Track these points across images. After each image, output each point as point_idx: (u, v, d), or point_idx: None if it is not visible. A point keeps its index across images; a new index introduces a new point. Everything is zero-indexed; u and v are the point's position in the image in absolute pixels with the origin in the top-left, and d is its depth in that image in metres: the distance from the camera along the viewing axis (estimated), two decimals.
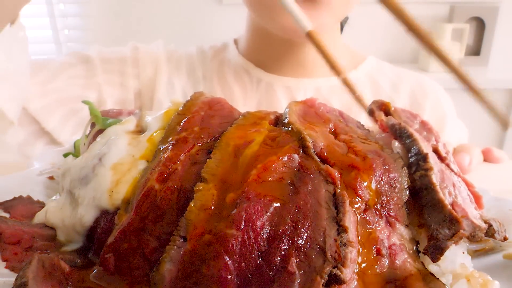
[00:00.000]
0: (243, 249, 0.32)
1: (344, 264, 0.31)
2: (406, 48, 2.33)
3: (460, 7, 2.18)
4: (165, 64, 0.97)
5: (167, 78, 0.96)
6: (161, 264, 0.33)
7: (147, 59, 0.96)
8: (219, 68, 0.98)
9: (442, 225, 0.36)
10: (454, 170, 0.44)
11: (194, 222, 0.34)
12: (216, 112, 0.48)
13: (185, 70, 0.98)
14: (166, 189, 0.38)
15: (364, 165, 0.37)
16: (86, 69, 0.91)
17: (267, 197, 0.34)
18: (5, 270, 0.39)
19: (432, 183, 0.37)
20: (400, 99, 0.96)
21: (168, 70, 0.97)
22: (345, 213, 0.33)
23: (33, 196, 0.53)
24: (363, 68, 0.98)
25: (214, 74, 0.97)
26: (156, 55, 0.97)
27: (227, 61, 0.98)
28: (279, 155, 0.37)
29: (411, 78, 1.01)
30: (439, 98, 1.00)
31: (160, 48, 0.99)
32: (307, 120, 0.45)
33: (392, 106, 0.49)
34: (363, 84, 0.97)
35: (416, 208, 0.38)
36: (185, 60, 1.00)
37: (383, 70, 1.01)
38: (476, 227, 0.38)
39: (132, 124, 0.50)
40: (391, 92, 0.97)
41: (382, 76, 0.99)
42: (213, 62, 0.99)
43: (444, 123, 0.96)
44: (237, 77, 0.96)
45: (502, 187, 0.61)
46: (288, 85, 0.93)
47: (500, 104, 2.09)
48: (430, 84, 1.02)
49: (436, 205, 0.37)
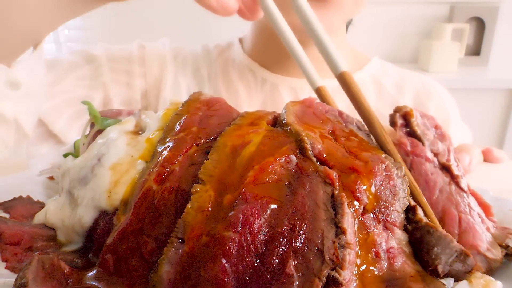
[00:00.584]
0: (241, 251, 0.32)
1: (342, 266, 0.31)
2: (406, 48, 2.33)
3: (460, 7, 2.18)
4: (171, 63, 0.96)
5: (173, 77, 0.95)
6: (159, 265, 0.33)
7: (153, 58, 0.95)
8: (224, 67, 0.97)
9: (454, 260, 0.35)
10: (463, 189, 0.43)
11: (191, 224, 0.34)
12: (215, 112, 0.48)
13: (191, 69, 0.98)
14: (163, 190, 0.38)
15: (365, 168, 0.37)
16: (92, 69, 0.91)
17: (264, 199, 0.34)
18: (5, 270, 0.39)
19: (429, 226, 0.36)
20: (404, 100, 0.96)
21: (175, 69, 0.96)
22: (343, 214, 0.33)
23: (33, 196, 0.53)
24: (367, 69, 0.98)
25: (219, 73, 0.97)
26: (162, 53, 0.97)
27: (232, 60, 0.98)
28: (277, 156, 0.37)
29: (415, 79, 1.01)
30: (443, 100, 1.00)
31: (166, 46, 0.99)
32: (305, 121, 0.45)
33: (414, 115, 0.47)
34: (367, 85, 0.97)
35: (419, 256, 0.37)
36: (190, 59, 0.99)
37: (387, 72, 1.01)
38: (490, 261, 0.37)
39: (131, 124, 0.50)
40: (396, 94, 0.98)
41: (387, 77, 1.00)
42: (218, 61, 0.99)
43: (448, 125, 0.96)
44: (242, 77, 0.95)
45: (502, 187, 0.61)
46: (293, 86, 0.92)
47: (500, 104, 2.09)
48: (434, 86, 1.02)
49: (442, 240, 0.35)
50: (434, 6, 2.24)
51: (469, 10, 2.17)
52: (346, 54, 0.96)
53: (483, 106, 2.07)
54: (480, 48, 2.24)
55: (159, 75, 0.95)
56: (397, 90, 0.98)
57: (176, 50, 1.00)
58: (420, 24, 2.28)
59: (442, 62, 2.09)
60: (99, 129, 0.54)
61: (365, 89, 0.95)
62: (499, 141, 2.17)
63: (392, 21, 2.28)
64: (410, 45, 2.31)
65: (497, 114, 2.11)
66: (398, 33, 2.30)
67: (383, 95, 0.97)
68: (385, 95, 0.97)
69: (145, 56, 0.95)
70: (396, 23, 2.28)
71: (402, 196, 0.38)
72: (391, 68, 1.03)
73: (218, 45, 1.02)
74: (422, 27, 2.28)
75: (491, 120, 2.12)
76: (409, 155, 0.43)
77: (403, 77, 1.01)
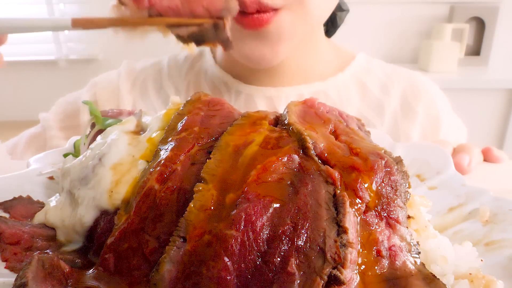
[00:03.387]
0: (243, 250, 0.32)
1: (344, 265, 0.31)
2: (406, 48, 2.33)
3: (460, 7, 2.18)
4: (127, 93, 0.95)
5: (131, 106, 0.94)
6: (160, 264, 0.33)
7: (104, 96, 0.94)
8: (196, 80, 0.95)
9: None
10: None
11: (193, 223, 0.34)
12: (216, 112, 0.48)
13: (153, 89, 0.96)
14: (165, 189, 0.38)
15: (365, 166, 0.37)
16: (44, 135, 0.93)
17: (266, 198, 0.34)
18: (5, 270, 0.39)
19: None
20: (391, 101, 0.92)
21: (132, 97, 0.95)
22: (345, 214, 0.33)
23: (33, 196, 0.53)
24: (350, 69, 0.94)
25: (190, 86, 0.94)
26: (115, 86, 0.96)
27: (204, 72, 0.95)
28: (279, 156, 0.37)
29: (402, 77, 0.96)
30: (433, 97, 0.95)
31: (121, 74, 0.97)
32: (307, 121, 0.45)
33: None
34: (350, 87, 0.92)
35: None
36: (151, 77, 0.97)
37: (372, 70, 0.96)
38: None
39: (132, 124, 0.50)
40: (380, 95, 0.93)
41: (371, 77, 0.95)
42: (190, 72, 0.96)
43: (439, 124, 0.93)
44: (214, 90, 0.93)
45: (502, 187, 0.61)
46: (269, 95, 0.89)
47: (500, 104, 2.09)
48: (423, 83, 0.97)
49: None
50: (434, 6, 2.24)
51: (469, 10, 2.18)
52: (325, 58, 0.93)
53: (483, 106, 2.08)
54: (480, 48, 2.24)
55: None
56: (383, 90, 0.94)
57: (132, 74, 0.98)
58: (420, 24, 2.28)
59: (442, 62, 2.09)
60: (100, 129, 0.54)
61: (347, 91, 0.92)
62: (499, 141, 2.17)
63: (392, 21, 2.29)
64: (410, 45, 2.32)
65: (497, 114, 2.12)
66: (398, 33, 2.30)
67: (367, 97, 0.93)
68: (369, 97, 0.93)
69: (97, 99, 0.94)
70: (396, 23, 2.29)
71: (403, 190, 0.38)
72: (377, 65, 0.98)
73: (189, 55, 0.99)
74: (422, 27, 2.28)
75: (491, 120, 2.13)
76: None
77: (390, 76, 0.96)
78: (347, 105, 0.91)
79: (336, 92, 0.91)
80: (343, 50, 0.99)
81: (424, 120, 0.92)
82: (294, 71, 0.90)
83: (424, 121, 0.92)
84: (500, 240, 0.43)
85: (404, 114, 0.92)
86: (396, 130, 0.91)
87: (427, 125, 0.92)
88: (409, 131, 0.90)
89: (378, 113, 0.92)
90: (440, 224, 0.48)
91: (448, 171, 0.56)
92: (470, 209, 0.49)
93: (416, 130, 0.91)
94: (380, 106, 0.92)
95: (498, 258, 0.41)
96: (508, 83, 2.05)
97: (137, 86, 0.97)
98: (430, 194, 0.51)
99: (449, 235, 0.45)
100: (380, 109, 0.92)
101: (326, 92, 0.90)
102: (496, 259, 0.41)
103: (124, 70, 0.98)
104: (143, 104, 0.95)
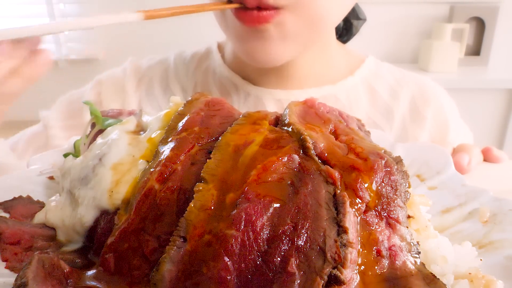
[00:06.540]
0: (243, 250, 0.32)
1: (344, 265, 0.31)
2: (406, 48, 2.33)
3: (460, 7, 2.18)
4: (133, 92, 0.94)
5: (136, 105, 0.93)
6: (161, 264, 0.33)
7: (109, 96, 0.93)
8: (203, 79, 0.93)
9: None
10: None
11: (194, 223, 0.34)
12: (216, 112, 0.48)
13: (159, 87, 0.95)
14: (166, 189, 0.38)
15: (366, 166, 0.37)
16: (45, 134, 0.92)
17: (267, 198, 0.34)
18: (5, 270, 0.39)
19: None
20: (399, 106, 0.92)
21: (138, 95, 0.94)
22: (345, 214, 0.33)
23: (33, 196, 0.53)
24: (359, 73, 0.94)
25: (198, 85, 0.93)
26: (121, 84, 0.94)
27: (212, 71, 0.94)
28: (279, 156, 0.37)
29: (412, 82, 0.96)
30: (442, 103, 0.95)
31: (127, 71, 0.95)
32: (307, 121, 0.45)
33: None
34: (359, 91, 0.92)
35: None
36: (158, 75, 0.96)
37: (382, 74, 0.96)
38: None
39: (132, 124, 0.50)
40: (390, 99, 0.93)
41: (381, 81, 0.95)
42: (197, 71, 0.95)
43: (447, 129, 0.93)
44: (223, 90, 0.91)
45: (502, 187, 0.61)
46: (279, 98, 0.89)
47: (500, 104, 2.09)
48: (432, 88, 0.97)
49: None
50: (434, 6, 2.24)
51: (469, 10, 2.18)
52: (337, 60, 0.92)
53: (483, 106, 2.08)
54: (480, 48, 2.24)
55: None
56: (392, 95, 0.94)
57: (138, 72, 0.96)
58: (420, 24, 2.28)
59: (442, 62, 2.09)
60: (100, 129, 0.54)
61: (356, 95, 0.91)
62: (499, 141, 2.17)
63: (392, 21, 2.28)
64: (410, 45, 2.31)
65: (497, 114, 2.12)
66: (398, 33, 2.30)
67: (376, 101, 0.93)
68: (378, 101, 0.93)
69: (102, 99, 0.93)
70: (396, 23, 2.29)
71: (403, 190, 0.38)
72: (386, 70, 0.98)
73: (196, 54, 0.98)
74: (422, 27, 2.28)
75: (491, 120, 2.13)
76: None
77: (399, 80, 0.96)
78: (356, 109, 0.91)
79: (345, 96, 0.91)
80: (353, 54, 0.98)
81: (432, 126, 0.92)
82: (304, 74, 0.89)
83: (433, 126, 0.92)
84: (500, 240, 0.43)
85: (412, 119, 0.92)
86: (405, 135, 0.91)
87: (435, 131, 0.92)
88: (417, 136, 0.90)
89: (387, 118, 0.92)
90: (440, 224, 0.48)
91: (448, 171, 0.56)
92: (470, 209, 0.49)
93: (424, 135, 0.91)
94: (389, 111, 0.92)
95: (498, 258, 0.41)
96: (508, 83, 2.04)
97: (143, 85, 0.95)
98: (430, 194, 0.51)
99: (449, 235, 0.45)
100: (389, 114, 0.92)
101: (336, 96, 0.90)
102: (496, 259, 0.41)
103: (129, 69, 0.97)
104: (149, 104, 0.94)
